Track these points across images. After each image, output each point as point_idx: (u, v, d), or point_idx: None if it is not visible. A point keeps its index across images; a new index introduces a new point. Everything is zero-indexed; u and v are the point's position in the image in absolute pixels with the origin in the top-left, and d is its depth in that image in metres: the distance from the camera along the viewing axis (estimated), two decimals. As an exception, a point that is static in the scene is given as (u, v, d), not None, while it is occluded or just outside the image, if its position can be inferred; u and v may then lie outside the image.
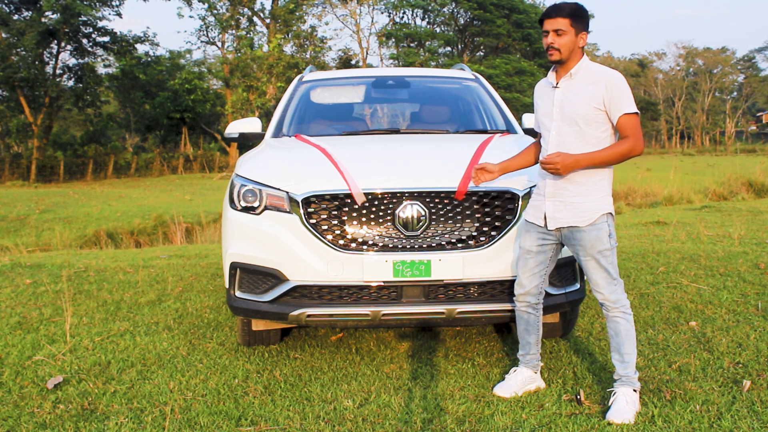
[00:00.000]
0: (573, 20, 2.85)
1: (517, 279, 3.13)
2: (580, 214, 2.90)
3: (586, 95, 2.87)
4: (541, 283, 3.11)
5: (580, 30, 2.88)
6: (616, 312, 2.93)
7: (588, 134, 2.88)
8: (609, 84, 2.85)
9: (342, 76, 5.61)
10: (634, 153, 2.87)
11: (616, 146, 2.86)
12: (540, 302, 3.15)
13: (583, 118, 2.87)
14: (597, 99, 2.85)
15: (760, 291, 4.83)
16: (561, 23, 2.85)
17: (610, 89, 2.84)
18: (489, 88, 5.02)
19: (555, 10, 2.87)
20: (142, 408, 3.04)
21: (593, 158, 2.85)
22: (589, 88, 2.88)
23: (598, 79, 2.88)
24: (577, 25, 2.87)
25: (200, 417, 2.93)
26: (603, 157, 2.85)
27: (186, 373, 3.49)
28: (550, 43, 2.88)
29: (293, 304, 3.28)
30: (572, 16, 2.85)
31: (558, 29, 2.85)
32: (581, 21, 2.88)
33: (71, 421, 2.90)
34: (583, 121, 2.88)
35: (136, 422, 2.89)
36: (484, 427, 2.79)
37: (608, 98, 2.84)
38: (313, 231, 3.22)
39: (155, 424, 2.87)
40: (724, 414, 2.81)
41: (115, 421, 2.88)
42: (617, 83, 2.86)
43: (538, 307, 3.15)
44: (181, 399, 3.14)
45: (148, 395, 3.19)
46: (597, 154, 2.85)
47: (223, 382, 3.35)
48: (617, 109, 2.84)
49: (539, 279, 3.09)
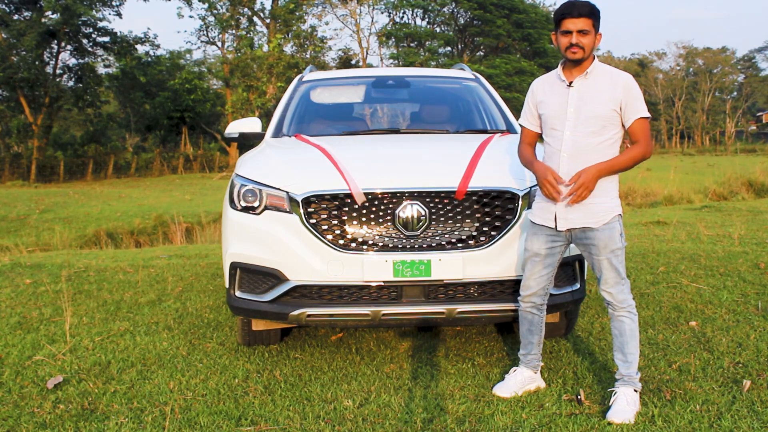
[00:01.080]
0: (594, 20, 2.85)
1: (524, 281, 3.11)
2: (594, 215, 2.90)
3: (605, 96, 2.86)
4: (548, 285, 3.10)
5: (597, 30, 2.88)
6: (622, 311, 2.93)
7: (604, 135, 2.87)
8: (627, 86, 2.85)
9: (342, 76, 5.61)
10: (645, 157, 2.88)
11: (630, 152, 2.87)
12: (545, 303, 3.15)
13: (601, 119, 2.86)
14: (615, 101, 2.85)
15: (760, 291, 4.83)
16: (585, 23, 2.83)
17: (627, 92, 2.84)
18: (489, 87, 5.02)
19: (577, 9, 2.82)
20: (142, 408, 3.04)
21: (613, 166, 2.85)
22: (606, 89, 2.87)
23: (615, 81, 2.87)
24: (596, 25, 2.87)
25: (200, 417, 2.93)
26: (621, 164, 2.86)
27: (186, 373, 3.49)
28: (574, 42, 2.82)
29: (293, 304, 3.28)
30: (593, 16, 2.84)
31: (582, 29, 2.82)
32: (598, 21, 2.88)
33: (71, 421, 2.90)
34: (600, 122, 2.87)
35: (136, 422, 2.89)
36: (484, 426, 2.79)
37: (625, 100, 2.84)
38: (313, 231, 3.22)
39: (155, 424, 2.87)
40: (724, 414, 2.81)
41: (115, 421, 2.88)
42: (634, 86, 2.87)
43: (542, 308, 3.15)
44: (181, 399, 3.14)
45: (148, 395, 3.19)
46: (615, 161, 2.85)
47: (223, 382, 3.35)
48: (633, 112, 2.84)
49: (546, 281, 3.08)
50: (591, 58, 2.91)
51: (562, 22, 2.85)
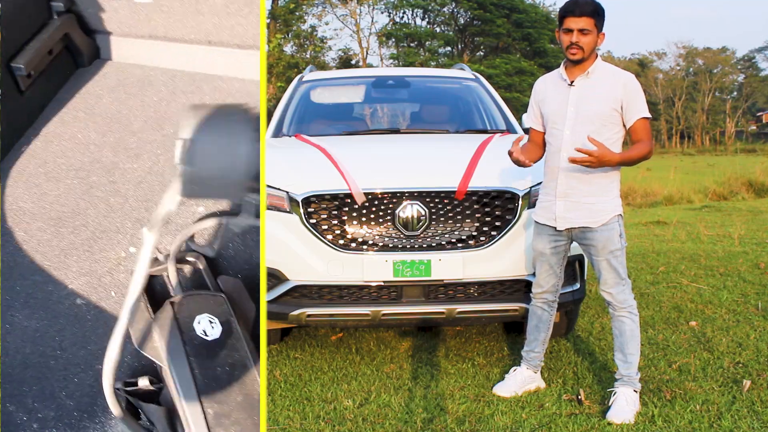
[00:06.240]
0: (596, 20, 2.82)
1: (536, 279, 3.13)
2: (593, 215, 2.89)
3: (605, 95, 2.85)
4: (558, 282, 3.11)
5: (600, 29, 2.85)
6: (623, 312, 2.93)
7: (603, 135, 2.84)
8: (627, 85, 2.83)
9: (342, 76, 5.62)
10: (648, 156, 2.86)
11: (638, 149, 2.85)
12: (556, 300, 3.16)
13: (601, 118, 2.85)
14: (616, 100, 2.83)
15: (760, 291, 4.83)
16: (586, 22, 2.79)
17: (628, 91, 2.83)
18: (489, 87, 5.03)
19: (579, 8, 2.80)
20: (142, 408, 3.04)
21: (625, 157, 2.82)
22: (607, 88, 2.85)
23: (616, 80, 2.86)
24: (599, 25, 2.84)
25: (200, 417, 2.93)
26: (630, 158, 2.83)
27: (186, 372, 3.49)
28: (574, 41, 2.81)
29: (293, 304, 3.28)
30: (595, 15, 2.81)
31: (583, 28, 2.79)
32: (602, 21, 2.86)
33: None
34: (599, 121, 2.85)
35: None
36: (484, 426, 2.79)
37: (626, 100, 2.83)
38: (313, 231, 3.22)
39: (155, 423, 2.87)
40: (724, 414, 2.81)
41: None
42: (635, 86, 2.85)
43: (553, 306, 3.16)
44: (181, 399, 3.13)
45: (148, 395, 3.19)
46: (627, 154, 2.83)
47: (223, 382, 3.34)
48: (635, 112, 2.83)
49: (556, 278, 3.09)
50: (593, 58, 2.89)
51: (564, 19, 2.84)
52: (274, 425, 2.85)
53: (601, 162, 2.75)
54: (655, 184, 14.40)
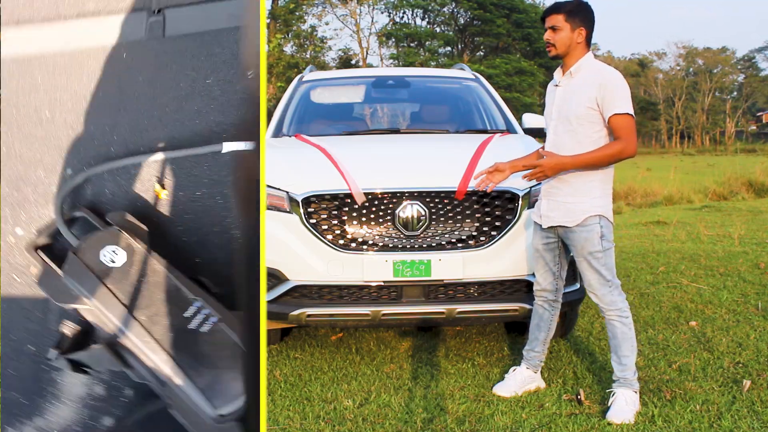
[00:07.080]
0: (568, 16, 2.86)
1: (536, 277, 3.15)
2: (569, 214, 2.90)
3: (582, 95, 2.85)
4: (556, 280, 3.11)
5: (577, 26, 2.86)
6: (612, 315, 2.92)
7: (580, 134, 2.85)
8: (604, 83, 2.82)
9: (342, 76, 5.62)
10: (625, 155, 2.82)
11: (606, 148, 2.82)
12: (558, 300, 3.15)
13: (576, 118, 2.86)
14: (590, 98, 2.83)
15: (760, 291, 4.83)
16: (556, 19, 2.87)
17: (603, 89, 2.81)
18: (489, 87, 5.03)
19: (551, 6, 2.92)
20: (142, 408, 3.04)
21: (579, 160, 2.83)
22: (585, 88, 2.86)
23: (595, 78, 2.86)
24: (573, 21, 2.85)
25: (200, 417, 2.93)
26: (590, 159, 2.82)
27: (186, 372, 3.49)
28: (546, 38, 2.91)
29: (293, 304, 3.28)
30: (567, 12, 2.86)
31: (553, 25, 2.88)
32: (577, 16, 2.86)
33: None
34: (576, 121, 2.86)
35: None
36: (484, 426, 2.79)
37: (601, 98, 2.81)
38: (313, 231, 3.22)
39: (155, 423, 2.87)
40: (724, 414, 2.81)
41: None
42: (613, 83, 2.82)
43: (555, 305, 3.16)
44: (181, 399, 3.13)
45: (148, 395, 3.19)
46: (584, 156, 2.82)
47: (223, 382, 3.34)
48: (609, 108, 2.81)
49: (553, 277, 3.10)
50: (576, 56, 2.90)
51: (543, 21, 2.95)
52: (274, 425, 2.85)
53: (552, 170, 2.85)
54: (655, 184, 14.40)
